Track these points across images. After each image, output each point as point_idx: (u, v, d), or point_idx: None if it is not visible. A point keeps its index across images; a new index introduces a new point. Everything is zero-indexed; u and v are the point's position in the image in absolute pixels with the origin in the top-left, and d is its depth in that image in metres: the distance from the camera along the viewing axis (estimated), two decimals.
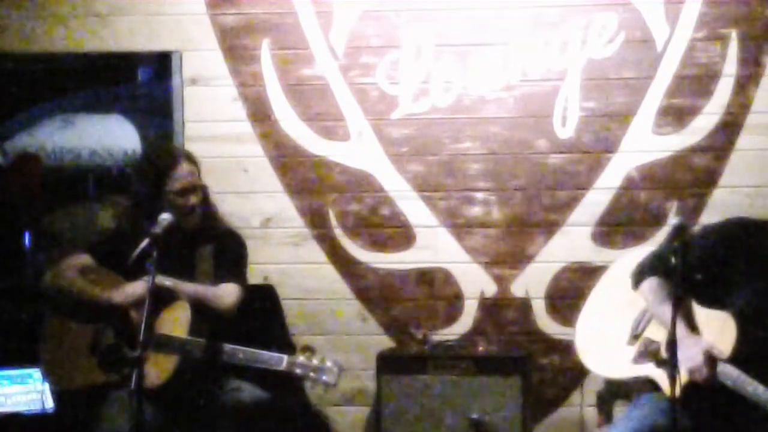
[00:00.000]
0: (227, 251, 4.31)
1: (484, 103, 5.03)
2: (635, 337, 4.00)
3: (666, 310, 3.83)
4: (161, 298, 3.95)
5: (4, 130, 7.33)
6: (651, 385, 3.88)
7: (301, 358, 4.00)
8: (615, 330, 4.02)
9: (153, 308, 3.70)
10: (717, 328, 3.77)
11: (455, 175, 5.06)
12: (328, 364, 3.99)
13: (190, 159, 4.30)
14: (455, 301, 5.08)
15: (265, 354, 4.04)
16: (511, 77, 5.02)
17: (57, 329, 4.25)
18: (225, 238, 4.35)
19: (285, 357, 4.01)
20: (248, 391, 4.19)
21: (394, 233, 5.10)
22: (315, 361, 3.99)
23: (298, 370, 3.99)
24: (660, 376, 3.83)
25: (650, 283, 3.96)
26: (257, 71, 5.10)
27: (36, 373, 4.77)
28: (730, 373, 3.70)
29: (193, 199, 4.22)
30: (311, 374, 3.99)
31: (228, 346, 4.04)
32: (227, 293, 4.21)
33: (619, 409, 4.40)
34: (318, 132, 5.10)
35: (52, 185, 6.85)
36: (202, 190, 4.28)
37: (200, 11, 5.11)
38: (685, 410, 3.68)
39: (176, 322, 4.06)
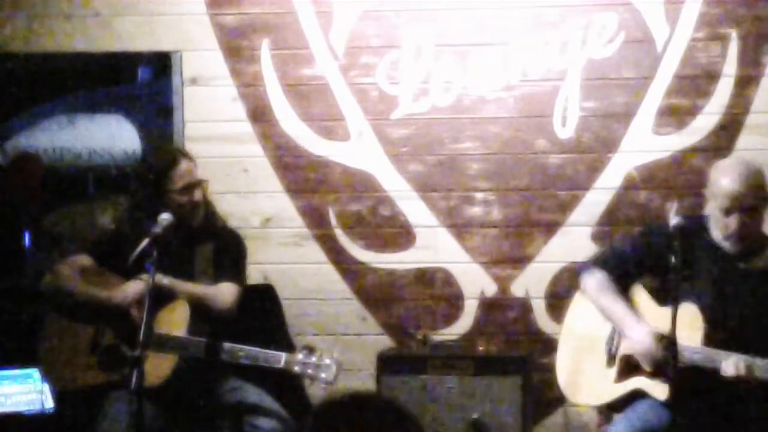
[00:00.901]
0: (226, 250, 4.31)
1: (484, 103, 5.03)
2: (612, 357, 4.04)
3: (609, 303, 4.01)
4: (159, 298, 3.95)
5: (4, 130, 7.32)
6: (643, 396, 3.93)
7: (299, 356, 4.00)
8: (591, 359, 4.05)
9: (152, 308, 3.71)
10: (684, 321, 3.81)
11: (455, 175, 5.06)
12: (327, 361, 3.98)
13: (187, 156, 4.32)
14: (455, 301, 5.08)
15: (264, 352, 4.04)
16: (511, 77, 5.01)
17: (57, 329, 4.25)
18: (224, 237, 4.35)
19: (283, 355, 4.01)
20: (249, 392, 4.19)
21: (394, 233, 5.10)
22: (313, 359, 3.98)
23: (296, 368, 3.98)
24: (648, 385, 3.87)
25: (593, 280, 4.08)
26: (257, 71, 5.10)
27: (36, 373, 4.77)
28: (696, 350, 3.75)
29: (197, 195, 4.23)
30: (309, 372, 3.98)
31: (227, 345, 4.04)
32: (226, 293, 4.21)
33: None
34: (318, 132, 5.09)
35: (52, 185, 6.84)
36: (203, 185, 4.29)
37: (200, 11, 5.11)
38: (682, 410, 3.70)
39: (175, 322, 4.06)
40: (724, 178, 3.92)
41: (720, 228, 3.93)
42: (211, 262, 4.27)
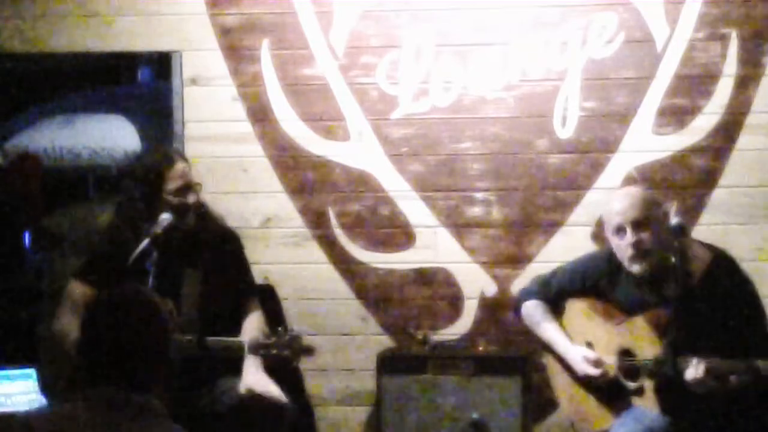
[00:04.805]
0: (232, 265, 4.28)
1: (484, 103, 5.03)
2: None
3: (544, 330, 4.18)
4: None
5: (4, 130, 7.34)
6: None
7: (260, 339, 4.00)
8: (588, 388, 4.07)
9: None
10: (641, 334, 3.82)
11: (455, 175, 5.06)
12: (286, 338, 3.96)
13: (183, 158, 4.31)
14: (455, 301, 5.08)
15: (228, 340, 4.04)
16: (511, 77, 5.01)
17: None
18: (223, 246, 4.31)
19: (245, 341, 4.02)
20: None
21: (394, 233, 5.10)
22: (272, 339, 3.97)
23: (261, 352, 3.98)
24: (640, 401, 3.88)
25: (528, 307, 4.25)
26: (257, 71, 5.10)
27: (36, 373, 4.77)
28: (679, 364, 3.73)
29: (191, 198, 4.20)
30: (273, 353, 3.96)
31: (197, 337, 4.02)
32: (261, 323, 4.23)
33: None
34: (318, 132, 5.09)
35: (52, 185, 6.85)
36: (196, 188, 4.27)
37: (200, 11, 5.11)
38: (680, 414, 3.71)
39: None
40: (611, 203, 4.02)
41: (620, 252, 3.97)
42: (209, 268, 4.23)
